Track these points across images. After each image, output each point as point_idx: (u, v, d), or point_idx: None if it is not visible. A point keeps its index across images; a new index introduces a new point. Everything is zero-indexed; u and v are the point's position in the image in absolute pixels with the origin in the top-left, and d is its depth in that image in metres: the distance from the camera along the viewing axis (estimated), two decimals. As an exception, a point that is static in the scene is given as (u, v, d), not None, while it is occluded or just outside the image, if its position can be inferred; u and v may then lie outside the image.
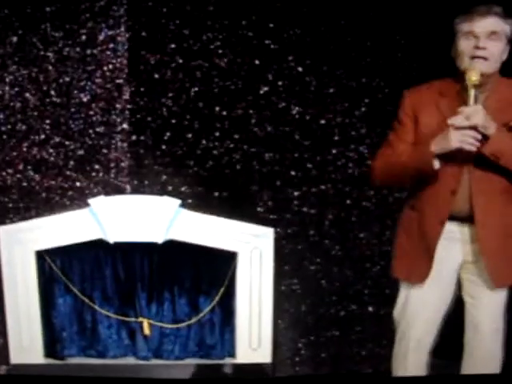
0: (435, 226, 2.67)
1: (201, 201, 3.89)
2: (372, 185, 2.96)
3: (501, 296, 2.76)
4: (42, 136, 3.88)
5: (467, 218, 2.68)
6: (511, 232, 2.70)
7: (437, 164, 2.61)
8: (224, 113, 3.90)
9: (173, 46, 3.85)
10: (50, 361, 3.85)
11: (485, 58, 2.62)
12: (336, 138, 3.94)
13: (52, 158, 3.88)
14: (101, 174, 3.90)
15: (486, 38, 2.62)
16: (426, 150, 2.61)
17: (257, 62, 3.88)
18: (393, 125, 2.79)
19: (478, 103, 2.62)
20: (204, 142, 3.91)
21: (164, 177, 3.92)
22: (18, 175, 3.88)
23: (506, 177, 2.65)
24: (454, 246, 2.71)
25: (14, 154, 3.86)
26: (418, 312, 2.75)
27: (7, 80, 3.82)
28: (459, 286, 2.78)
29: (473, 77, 2.59)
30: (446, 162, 2.63)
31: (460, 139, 2.57)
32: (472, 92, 2.59)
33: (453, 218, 2.68)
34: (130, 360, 3.93)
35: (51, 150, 3.89)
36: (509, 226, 2.69)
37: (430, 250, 2.68)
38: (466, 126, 2.57)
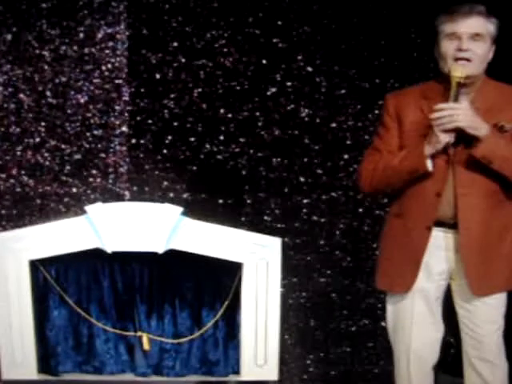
0: (422, 231, 2.69)
1: (204, 208, 3.87)
2: (361, 192, 3.05)
3: (497, 301, 2.74)
4: (37, 139, 3.86)
5: (452, 225, 2.68)
6: (493, 238, 2.69)
7: (430, 165, 2.63)
8: (229, 115, 3.89)
9: (175, 44, 3.85)
10: (44, 377, 3.77)
11: (468, 60, 2.63)
12: (348, 142, 3.93)
13: (47, 163, 3.87)
14: (98, 180, 3.88)
15: (469, 39, 2.64)
16: (418, 151, 2.64)
17: (264, 61, 3.87)
18: (377, 129, 2.82)
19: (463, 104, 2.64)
20: (208, 145, 3.89)
21: (165, 183, 3.90)
22: (12, 180, 3.87)
23: (492, 179, 2.65)
24: (440, 253, 2.71)
25: (8, 157, 3.86)
26: (410, 324, 2.76)
27: (1, 80, 3.82)
28: (451, 298, 2.77)
29: (457, 73, 2.60)
30: (433, 160, 2.66)
31: (447, 135, 2.61)
32: (454, 89, 2.60)
33: (439, 223, 2.68)
34: (129, 376, 3.86)
35: (46, 154, 3.87)
36: (492, 232, 2.69)
37: (417, 256, 2.70)
38: (451, 127, 2.59)
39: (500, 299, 2.75)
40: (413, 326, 2.75)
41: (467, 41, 2.63)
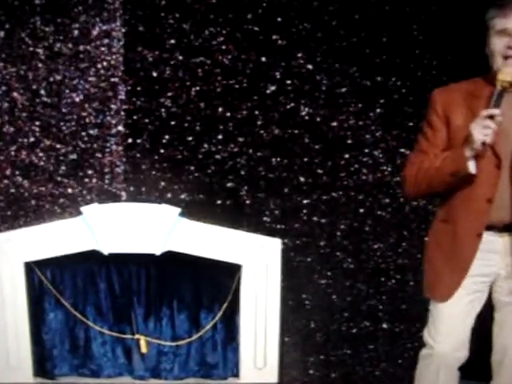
0: (472, 238, 2.62)
1: (202, 209, 3.86)
2: (406, 197, 2.99)
3: None
4: (32, 139, 3.86)
5: (506, 228, 2.62)
6: None
7: (472, 167, 2.55)
8: (228, 114, 3.87)
9: (172, 41, 3.83)
10: (40, 380, 3.80)
11: None
12: (349, 141, 3.91)
13: (42, 163, 3.86)
14: (94, 180, 3.88)
15: None
16: (460, 152, 2.57)
17: (263, 59, 3.86)
18: (423, 128, 2.73)
19: (510, 104, 2.55)
20: (206, 145, 3.89)
21: (162, 183, 3.90)
22: (6, 181, 3.86)
23: None
24: (489, 257, 2.65)
25: (1, 157, 3.85)
26: (448, 328, 2.69)
27: (-6, 78, 3.83)
28: (491, 302, 2.73)
29: (503, 77, 2.52)
30: (480, 167, 2.57)
31: (482, 132, 2.51)
32: (497, 93, 2.51)
33: (489, 227, 2.62)
34: (126, 380, 3.89)
35: (41, 154, 3.86)
36: None
37: (465, 264, 2.63)
38: (487, 125, 2.50)
39: None
40: (449, 331, 2.68)
41: None
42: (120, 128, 3.85)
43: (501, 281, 2.67)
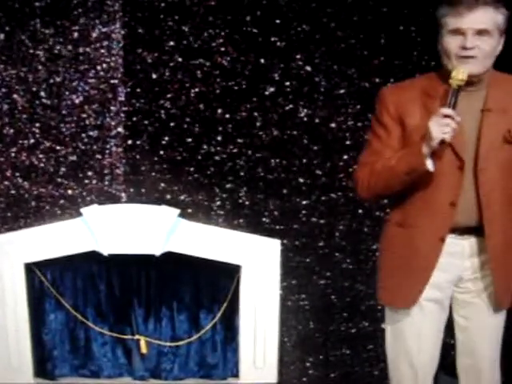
0: (434, 243, 2.52)
1: (201, 210, 3.86)
2: (359, 198, 2.79)
3: (499, 319, 2.64)
4: (32, 140, 3.85)
5: (469, 231, 2.54)
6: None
7: (430, 165, 2.45)
8: (227, 115, 3.87)
9: (171, 43, 3.82)
10: (41, 381, 3.81)
11: (473, 57, 2.44)
12: (347, 142, 3.89)
13: (42, 164, 3.86)
14: (94, 182, 3.87)
15: (475, 36, 2.43)
16: (416, 150, 2.45)
17: (262, 60, 3.85)
18: (374, 128, 2.60)
19: (472, 105, 2.48)
20: (205, 146, 3.88)
21: (162, 184, 3.89)
22: (6, 182, 3.85)
23: None
24: (451, 260, 2.57)
25: (2, 159, 3.84)
26: (418, 337, 2.62)
27: (-6, 80, 3.83)
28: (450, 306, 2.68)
29: (458, 75, 2.42)
30: (442, 169, 2.48)
31: (440, 130, 2.41)
32: (453, 93, 2.42)
33: (452, 230, 2.54)
34: (126, 380, 3.89)
35: (41, 156, 3.85)
36: (510, 240, 2.57)
37: (426, 269, 2.54)
38: (445, 124, 2.41)
39: (502, 316, 2.64)
40: (421, 337, 2.60)
41: (472, 37, 2.41)
42: (120, 129, 3.85)
43: (463, 282, 2.61)
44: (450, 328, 2.84)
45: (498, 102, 2.50)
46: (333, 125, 3.87)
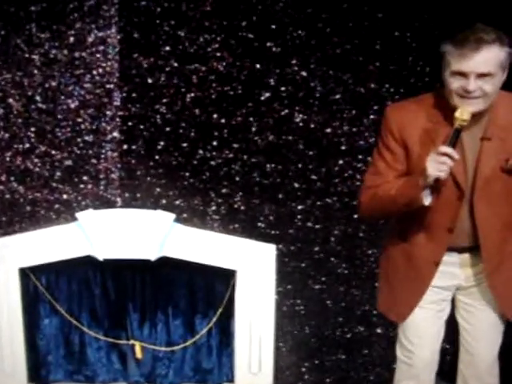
0: (429, 266, 2.61)
1: (197, 215, 3.87)
2: (360, 217, 2.89)
3: (500, 322, 2.71)
4: (27, 145, 3.84)
5: (466, 250, 2.62)
6: (510, 260, 2.65)
7: (428, 199, 2.49)
8: (222, 120, 3.86)
9: (167, 48, 3.82)
10: None
11: (476, 97, 2.48)
12: (343, 147, 3.90)
13: (37, 169, 3.85)
14: (89, 186, 3.87)
15: (477, 78, 2.46)
16: (414, 182, 2.50)
17: (258, 65, 3.85)
18: (379, 148, 2.65)
19: (474, 131, 2.51)
20: (201, 151, 3.87)
21: (157, 189, 3.89)
22: (1, 187, 3.85)
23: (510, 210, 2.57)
24: (449, 270, 2.65)
25: None
26: (424, 337, 2.71)
27: (-11, 85, 3.82)
28: (453, 306, 2.75)
29: (462, 116, 2.46)
30: (441, 198, 2.53)
31: (436, 168, 2.44)
32: (455, 132, 2.46)
33: (448, 249, 2.62)
34: None
35: (36, 160, 3.84)
36: (507, 255, 2.65)
37: (420, 289, 2.62)
38: (442, 162, 2.45)
39: (502, 319, 2.72)
40: (422, 339, 2.69)
41: (475, 80, 2.44)
42: (115, 134, 3.84)
43: (463, 289, 2.68)
44: (445, 333, 2.88)
45: (499, 130, 2.53)
46: (328, 130, 3.87)
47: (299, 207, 3.91)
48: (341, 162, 3.89)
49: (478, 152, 2.54)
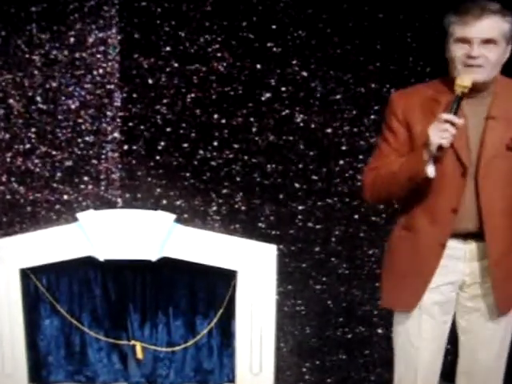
0: (434, 248, 2.57)
1: (197, 215, 3.86)
2: (365, 201, 2.87)
3: (502, 326, 2.66)
4: (28, 145, 3.84)
5: (471, 235, 2.59)
6: None
7: (431, 171, 2.48)
8: (223, 121, 3.86)
9: (168, 48, 3.82)
10: None
11: (479, 66, 2.49)
12: (343, 147, 3.90)
13: (38, 169, 3.85)
14: (90, 187, 3.86)
15: (481, 45, 2.48)
16: (417, 156, 2.50)
17: (258, 66, 3.85)
18: (383, 132, 2.66)
19: (477, 112, 2.52)
20: (201, 152, 3.87)
21: (158, 189, 3.89)
22: (1, 187, 3.85)
23: None
24: (453, 264, 2.61)
25: None
26: (419, 341, 2.66)
27: (-10, 85, 3.82)
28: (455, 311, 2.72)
29: (463, 83, 2.47)
30: (444, 176, 2.52)
31: (439, 135, 2.45)
32: (456, 99, 2.47)
33: (453, 235, 2.59)
34: None
35: (37, 161, 3.85)
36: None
37: (427, 274, 2.59)
38: (444, 129, 2.45)
39: (508, 323, 2.67)
40: (422, 341, 2.65)
41: (478, 46, 2.47)
42: (116, 135, 3.84)
43: (466, 287, 2.65)
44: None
45: (503, 110, 2.54)
46: (329, 130, 3.87)
47: (300, 207, 3.91)
48: (341, 162, 3.89)
49: (482, 131, 2.55)
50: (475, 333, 2.66)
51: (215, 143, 3.86)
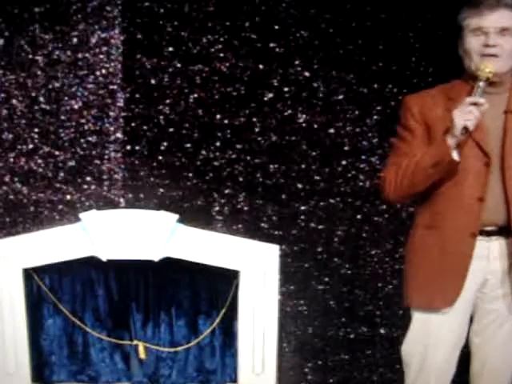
0: (465, 239, 2.56)
1: (200, 216, 3.86)
2: (385, 201, 2.83)
3: None
4: (30, 145, 3.85)
5: (496, 231, 2.58)
6: None
7: (455, 155, 2.49)
8: (225, 121, 3.87)
9: (170, 49, 3.83)
10: None
11: (496, 56, 2.52)
12: (346, 148, 3.90)
13: (41, 169, 3.85)
14: (93, 187, 3.87)
15: (497, 34, 2.52)
16: (441, 141, 2.51)
17: (261, 66, 3.86)
18: (400, 133, 2.66)
19: (495, 107, 2.54)
20: (204, 152, 3.88)
21: (161, 190, 3.89)
22: (4, 187, 3.85)
23: None
24: (477, 263, 2.59)
25: (0, 164, 3.83)
26: (441, 339, 2.64)
27: (-7, 85, 3.82)
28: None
29: (487, 68, 2.49)
30: (468, 166, 2.53)
31: (463, 117, 2.47)
32: (481, 84, 2.49)
33: (480, 231, 2.57)
34: None
35: (40, 161, 3.85)
36: None
37: (461, 268, 2.56)
38: (469, 111, 2.47)
39: None
40: (442, 343, 2.62)
41: (494, 36, 2.50)
42: (119, 135, 3.85)
43: (486, 287, 2.63)
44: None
45: None
46: (331, 130, 3.88)
47: (302, 208, 3.91)
48: (344, 162, 3.90)
49: (503, 124, 2.56)
50: (489, 335, 2.65)
51: (218, 143, 3.87)
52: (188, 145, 3.87)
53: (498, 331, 2.64)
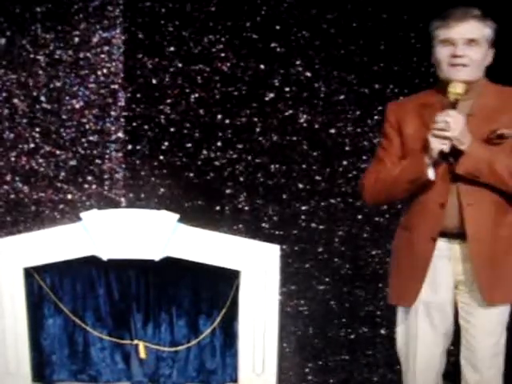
0: (426, 243, 2.68)
1: (201, 215, 3.87)
2: (365, 203, 2.97)
3: (497, 317, 2.72)
4: (32, 145, 3.86)
5: (457, 235, 2.68)
6: (502, 247, 2.68)
7: (432, 174, 2.63)
8: (226, 121, 3.89)
9: (172, 48, 3.85)
10: None
11: (464, 65, 2.63)
12: (347, 148, 3.93)
13: (42, 169, 3.87)
14: (94, 186, 3.88)
15: (464, 45, 2.63)
16: (419, 160, 2.64)
17: (262, 66, 3.87)
18: (380, 140, 2.82)
19: (461, 112, 2.62)
20: (205, 151, 3.90)
21: (162, 189, 3.91)
22: (6, 186, 3.87)
23: (496, 188, 2.66)
24: (445, 265, 2.70)
25: (2, 163, 3.85)
26: (415, 338, 2.74)
27: (-6, 85, 3.84)
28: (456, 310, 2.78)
29: (457, 89, 2.60)
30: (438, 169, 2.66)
31: (438, 141, 2.60)
32: (450, 105, 2.60)
33: (443, 234, 2.68)
34: None
35: (41, 160, 3.87)
36: (500, 241, 2.68)
37: (421, 269, 2.69)
38: (442, 135, 2.59)
39: (503, 314, 2.73)
40: (417, 340, 2.74)
41: (462, 46, 2.61)
42: (120, 134, 3.86)
43: (461, 285, 2.72)
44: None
45: (484, 109, 2.67)
46: (332, 130, 3.90)
47: (303, 208, 3.92)
48: (345, 162, 3.92)
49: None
50: (474, 322, 2.72)
51: (219, 143, 3.88)
52: (189, 144, 3.88)
53: (481, 318, 2.71)
